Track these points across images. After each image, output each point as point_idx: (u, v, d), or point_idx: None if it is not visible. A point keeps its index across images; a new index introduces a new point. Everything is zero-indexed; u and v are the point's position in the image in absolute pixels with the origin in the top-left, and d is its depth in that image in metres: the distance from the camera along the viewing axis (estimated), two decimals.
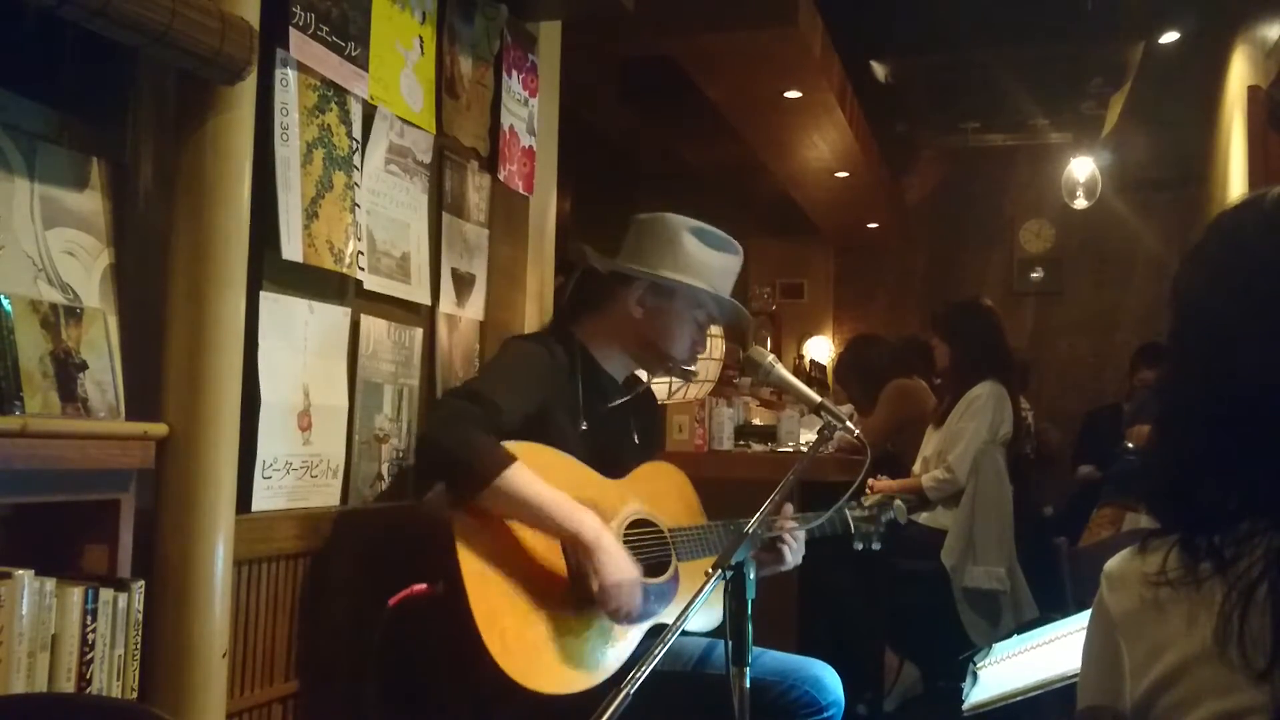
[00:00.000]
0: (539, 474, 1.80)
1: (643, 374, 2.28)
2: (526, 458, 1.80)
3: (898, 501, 2.28)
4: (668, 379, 3.44)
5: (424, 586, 1.73)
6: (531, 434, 1.90)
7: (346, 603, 1.95)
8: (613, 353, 2.15)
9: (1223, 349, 0.93)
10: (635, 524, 1.98)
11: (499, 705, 1.74)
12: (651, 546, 1.97)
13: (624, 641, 1.88)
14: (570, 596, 1.83)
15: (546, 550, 1.84)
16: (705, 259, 2.10)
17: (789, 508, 2.15)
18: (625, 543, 1.91)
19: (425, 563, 1.78)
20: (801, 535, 2.08)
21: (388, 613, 1.70)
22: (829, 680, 1.99)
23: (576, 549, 1.82)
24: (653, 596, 1.92)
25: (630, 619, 1.84)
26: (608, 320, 2.13)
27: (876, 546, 2.23)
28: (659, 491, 2.09)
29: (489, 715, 1.80)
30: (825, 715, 1.95)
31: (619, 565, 1.80)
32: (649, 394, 2.31)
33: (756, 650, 1.96)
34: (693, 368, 2.22)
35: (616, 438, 2.12)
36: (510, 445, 1.81)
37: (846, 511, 2.19)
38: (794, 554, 2.04)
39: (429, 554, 1.77)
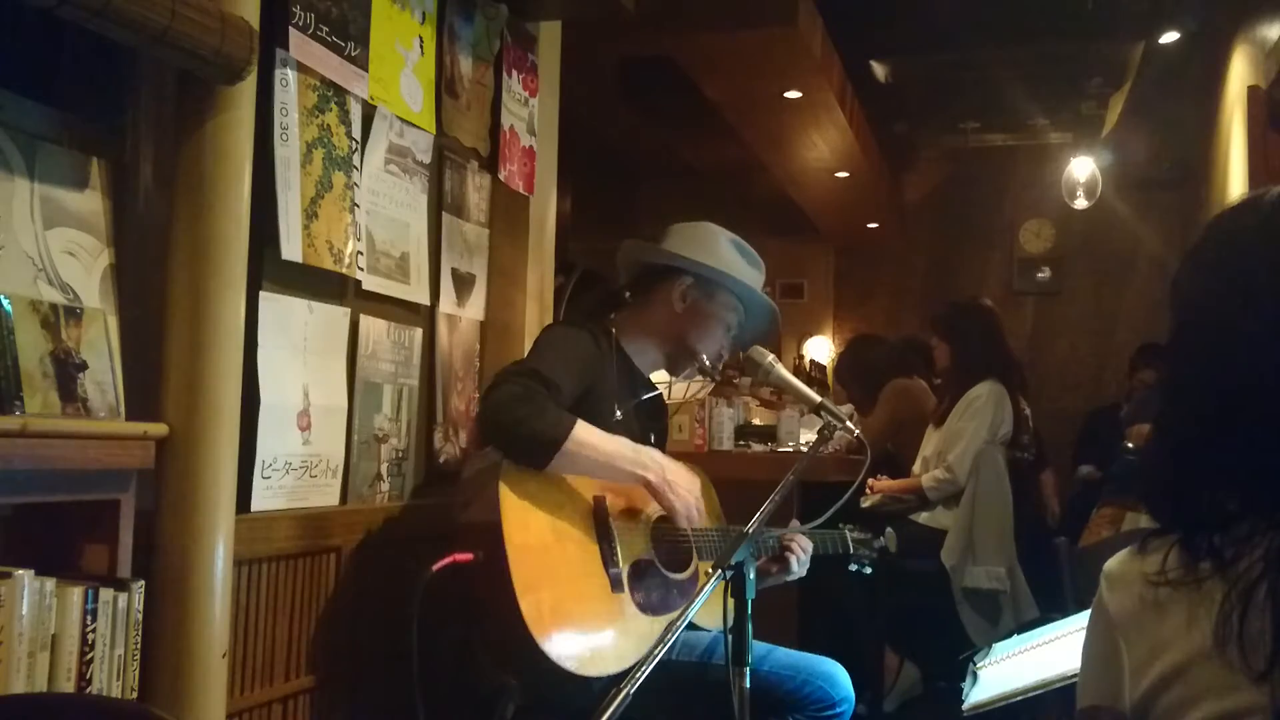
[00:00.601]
0: None
1: (654, 379, 2.31)
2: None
3: (889, 530, 2.44)
4: (664, 377, 3.44)
5: (467, 555, 1.76)
6: (576, 414, 1.94)
7: (347, 602, 1.95)
8: (645, 347, 2.20)
9: (1222, 349, 0.93)
10: (661, 519, 2.01)
11: (527, 676, 1.76)
12: (675, 543, 2.01)
13: (646, 631, 1.90)
14: (602, 580, 1.87)
15: (582, 535, 1.88)
16: (743, 268, 2.19)
17: (795, 522, 2.23)
18: (651, 538, 1.98)
19: (466, 533, 1.81)
20: (809, 546, 2.17)
21: (428, 576, 1.73)
22: (841, 678, 2.03)
23: (648, 485, 1.91)
24: (675, 591, 1.96)
25: (696, 522, 1.97)
26: (647, 313, 2.19)
27: (868, 570, 2.38)
28: None
29: (518, 683, 1.81)
30: (836, 711, 1.99)
31: (689, 488, 1.96)
32: (661, 399, 2.35)
33: (770, 646, 2.00)
34: (717, 370, 2.28)
35: (639, 435, 2.14)
36: None
37: (847, 533, 2.33)
38: (800, 564, 2.14)
39: (472, 524, 1.81)
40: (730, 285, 2.16)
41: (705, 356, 2.19)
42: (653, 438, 2.21)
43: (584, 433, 1.83)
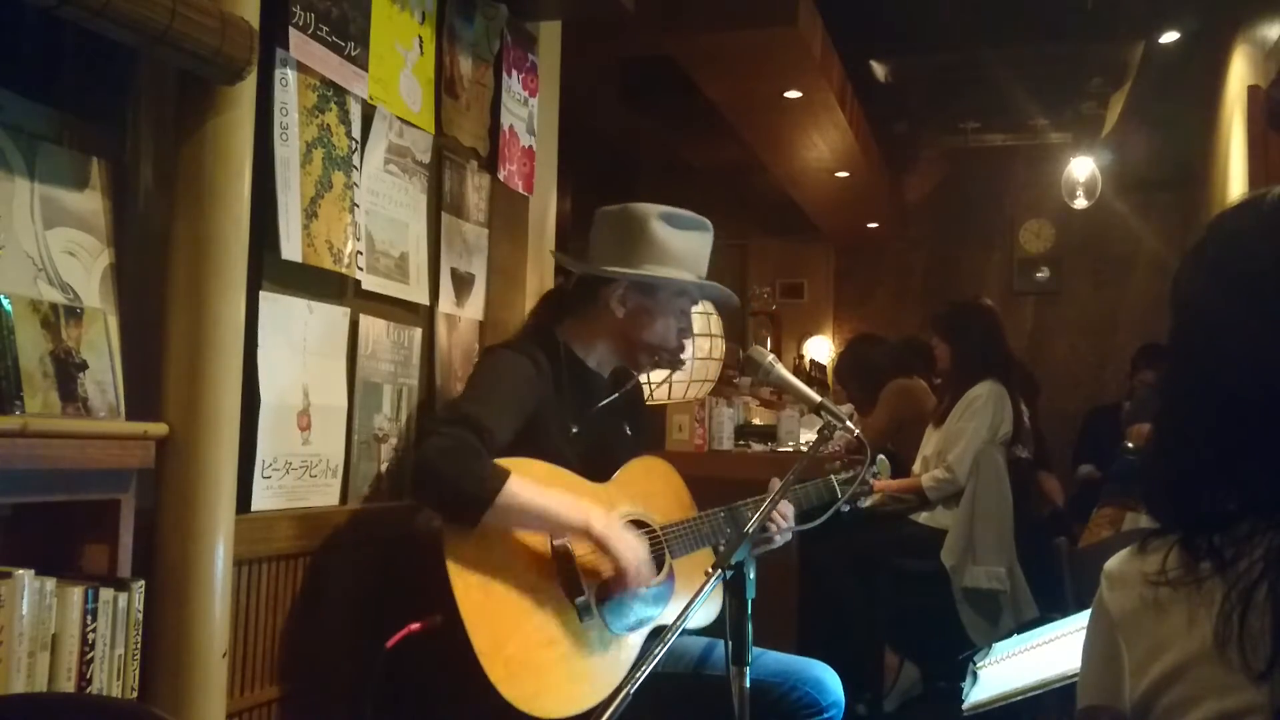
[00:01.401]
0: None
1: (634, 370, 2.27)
2: (518, 472, 1.79)
3: (881, 458, 2.26)
4: (664, 374, 3.44)
5: (418, 625, 1.71)
6: (521, 445, 1.89)
7: (347, 602, 1.95)
8: (597, 351, 2.13)
9: (1222, 349, 0.93)
10: (627, 525, 1.98)
11: None
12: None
13: (627, 650, 1.88)
14: (568, 611, 1.83)
15: (539, 568, 1.84)
16: (678, 244, 2.07)
17: (774, 481, 2.04)
18: None
19: (422, 589, 1.76)
20: (789, 511, 2.06)
21: (384, 654, 1.68)
22: (830, 681, 1.99)
23: (589, 541, 1.83)
24: (651, 597, 1.92)
25: (644, 593, 1.88)
26: (591, 322, 2.11)
27: (865, 503, 2.27)
28: (648, 489, 2.08)
29: None
30: (826, 716, 1.95)
31: (633, 545, 1.86)
32: (638, 388, 2.29)
33: (757, 651, 1.95)
34: (683, 355, 2.19)
35: (608, 434, 2.11)
36: (502, 462, 1.81)
37: (832, 479, 2.19)
38: (782, 534, 2.01)
39: (424, 582, 1.76)
40: (662, 285, 2.06)
41: (664, 350, 2.12)
42: (629, 429, 2.19)
43: (517, 487, 1.76)
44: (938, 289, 7.61)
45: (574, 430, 2.02)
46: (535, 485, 1.80)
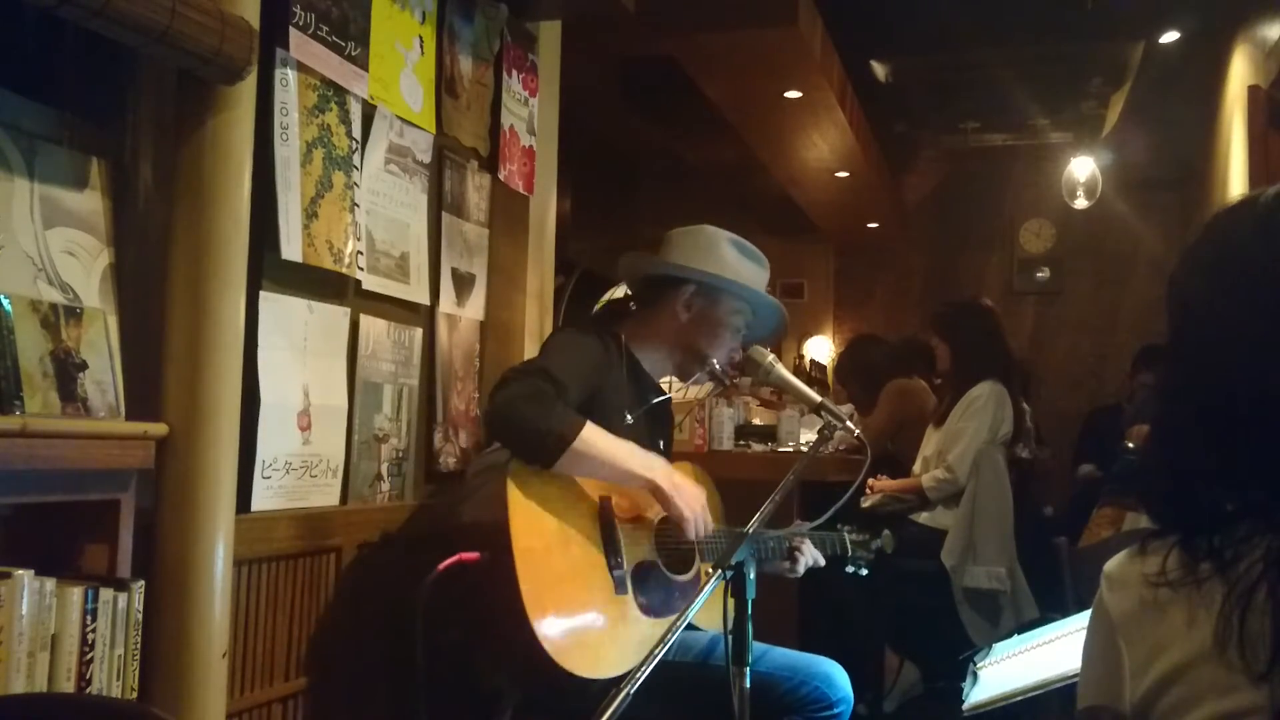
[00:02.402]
0: None
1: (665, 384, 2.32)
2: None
3: (886, 532, 2.45)
4: (693, 386, 3.45)
5: (474, 555, 1.76)
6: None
7: (347, 602, 1.95)
8: (654, 355, 2.19)
9: (1219, 350, 0.93)
10: (665, 520, 2.01)
11: (528, 677, 1.77)
12: (679, 545, 2.01)
13: (647, 630, 1.90)
14: (607, 582, 1.87)
15: (587, 535, 1.88)
16: (743, 269, 2.17)
17: (799, 523, 2.25)
18: (655, 539, 1.99)
19: (471, 531, 1.81)
20: (812, 548, 2.22)
21: (434, 576, 1.73)
22: (839, 678, 2.03)
23: (655, 490, 1.91)
24: (677, 593, 1.97)
25: (699, 538, 1.96)
26: (653, 323, 2.17)
27: (864, 573, 2.41)
28: None
29: (517, 685, 1.83)
30: (834, 712, 1.98)
31: (696, 496, 1.95)
32: (669, 405, 2.35)
33: (767, 646, 1.99)
34: (728, 374, 2.28)
35: (649, 439, 2.15)
36: None
37: (846, 535, 2.37)
38: (804, 564, 2.22)
39: (478, 524, 1.80)
40: (733, 290, 2.16)
41: (715, 361, 2.19)
42: (661, 444, 2.22)
43: (592, 434, 1.83)
44: (938, 289, 7.60)
45: (628, 421, 2.08)
46: (609, 435, 1.87)
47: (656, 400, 2.20)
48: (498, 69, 2.49)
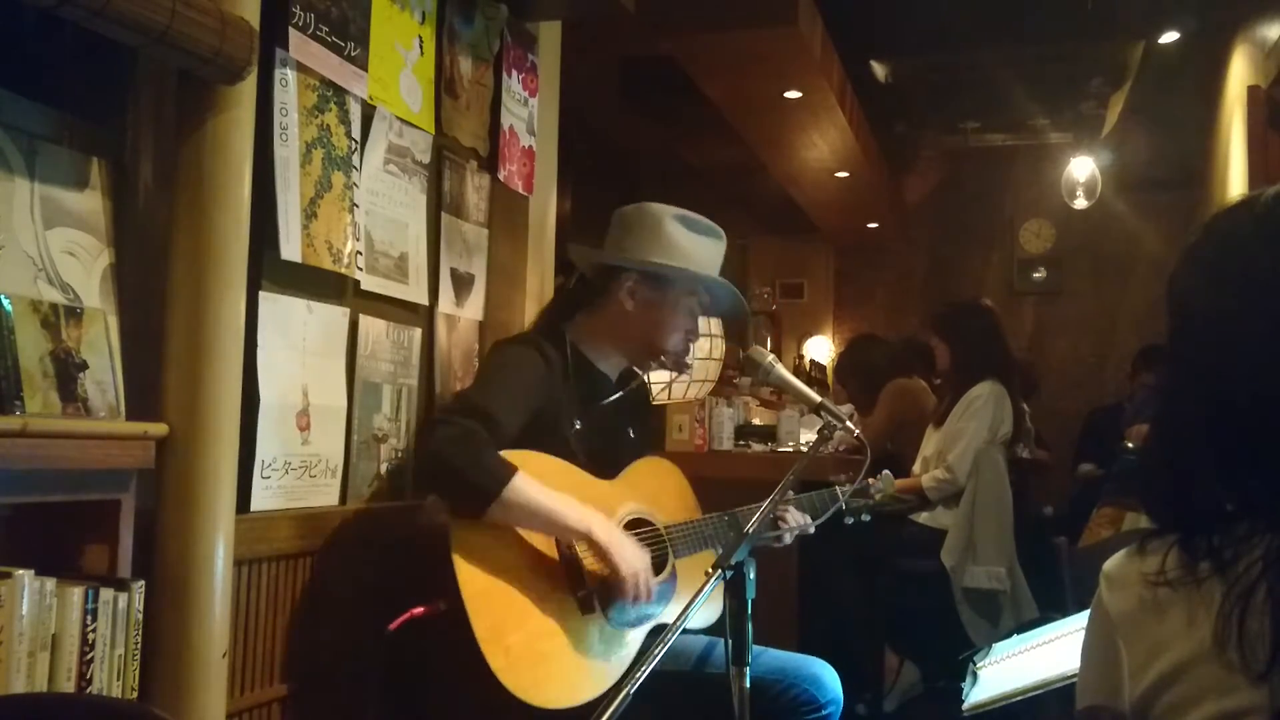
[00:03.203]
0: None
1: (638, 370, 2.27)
2: (525, 467, 1.79)
3: (885, 472, 2.32)
4: (666, 378, 3.44)
5: (421, 610, 1.72)
6: (526, 438, 1.89)
7: (346, 602, 1.95)
8: (605, 350, 2.13)
9: (1218, 350, 0.93)
10: (631, 523, 1.98)
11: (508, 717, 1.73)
12: (649, 545, 1.96)
13: (628, 645, 1.88)
14: (570, 604, 1.83)
15: (544, 561, 1.84)
16: (692, 245, 2.08)
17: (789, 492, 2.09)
18: None
19: (425, 579, 1.77)
20: (798, 513, 2.10)
21: (387, 636, 1.69)
22: (828, 679, 2.00)
23: (591, 546, 1.83)
24: (655, 595, 1.92)
25: (645, 603, 1.86)
26: (599, 317, 2.11)
27: (866, 518, 2.27)
28: (654, 489, 2.08)
29: None
30: (824, 714, 1.95)
31: (634, 554, 1.84)
32: (643, 389, 2.29)
33: (756, 649, 1.96)
34: (687, 359, 2.20)
35: (612, 435, 2.11)
36: (508, 455, 1.80)
37: (837, 487, 2.22)
38: (790, 532, 2.06)
39: (428, 571, 1.76)
40: (674, 276, 2.06)
41: (669, 350, 2.11)
42: (632, 432, 2.18)
43: (523, 485, 1.76)
44: (938, 289, 7.61)
45: (576, 427, 2.02)
46: (541, 484, 1.80)
47: (615, 396, 2.13)
48: (498, 69, 2.49)
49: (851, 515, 2.26)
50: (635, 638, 1.90)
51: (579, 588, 1.84)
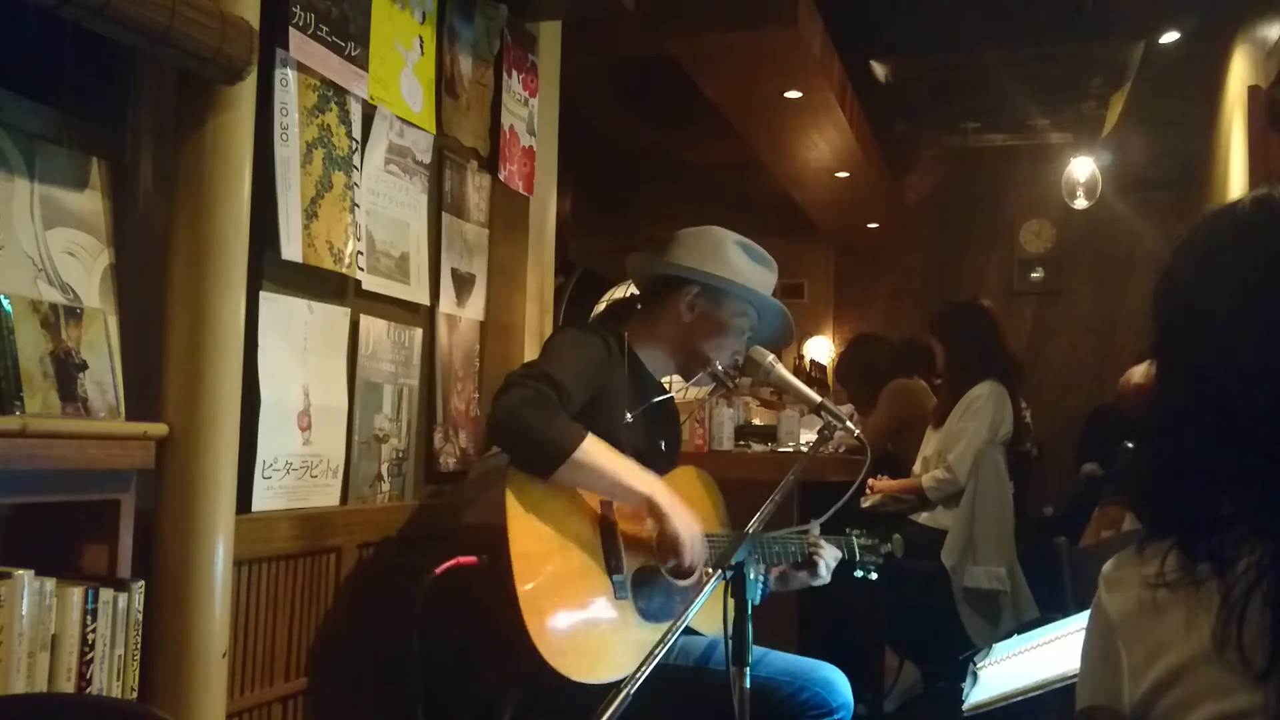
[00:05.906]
0: None
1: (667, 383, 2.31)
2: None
3: (896, 536, 2.41)
4: (694, 388, 3.45)
5: (471, 559, 1.76)
6: (583, 419, 1.93)
7: (346, 603, 1.95)
8: (656, 355, 2.18)
9: (1211, 350, 0.93)
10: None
11: (526, 680, 1.77)
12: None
13: (648, 635, 1.89)
14: (606, 585, 1.86)
15: (589, 535, 1.88)
16: (750, 271, 2.15)
17: (815, 524, 2.20)
18: (657, 544, 1.96)
19: (470, 535, 1.81)
20: (835, 552, 2.20)
21: (431, 578, 1.73)
22: (839, 683, 2.01)
23: (652, 510, 1.89)
24: (679, 598, 1.95)
25: (694, 570, 1.92)
26: (656, 323, 2.16)
27: (874, 576, 2.36)
28: (691, 496, 2.11)
29: (515, 687, 1.82)
30: (834, 718, 1.97)
31: (692, 520, 1.91)
32: (673, 405, 2.34)
33: (765, 650, 1.98)
34: (731, 376, 2.26)
35: (650, 439, 2.15)
36: None
37: (854, 540, 2.32)
38: (827, 569, 2.18)
39: (476, 528, 1.80)
40: (736, 292, 2.14)
41: (718, 363, 2.17)
42: (663, 444, 2.21)
43: (593, 446, 1.82)
44: (938, 289, 7.61)
45: (629, 418, 2.07)
46: (610, 450, 1.86)
47: (658, 400, 2.19)
48: (498, 69, 2.49)
49: (861, 570, 2.35)
50: (656, 634, 1.91)
51: (615, 570, 1.88)
